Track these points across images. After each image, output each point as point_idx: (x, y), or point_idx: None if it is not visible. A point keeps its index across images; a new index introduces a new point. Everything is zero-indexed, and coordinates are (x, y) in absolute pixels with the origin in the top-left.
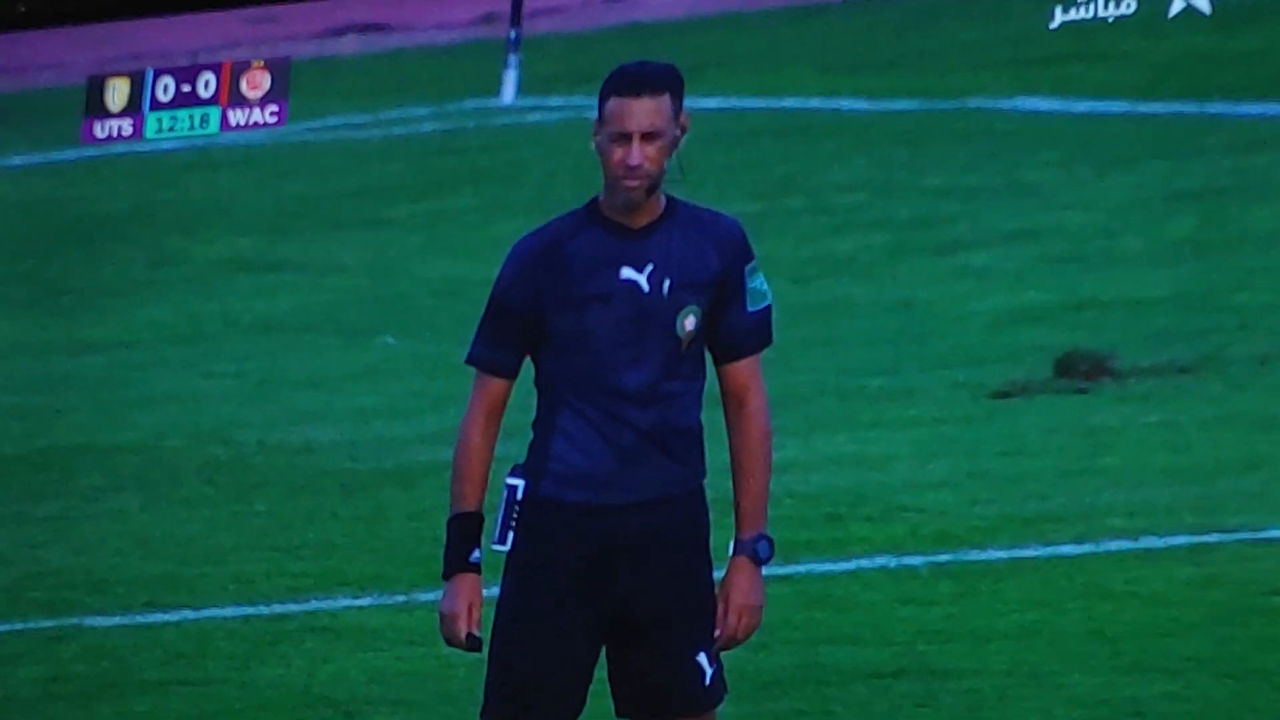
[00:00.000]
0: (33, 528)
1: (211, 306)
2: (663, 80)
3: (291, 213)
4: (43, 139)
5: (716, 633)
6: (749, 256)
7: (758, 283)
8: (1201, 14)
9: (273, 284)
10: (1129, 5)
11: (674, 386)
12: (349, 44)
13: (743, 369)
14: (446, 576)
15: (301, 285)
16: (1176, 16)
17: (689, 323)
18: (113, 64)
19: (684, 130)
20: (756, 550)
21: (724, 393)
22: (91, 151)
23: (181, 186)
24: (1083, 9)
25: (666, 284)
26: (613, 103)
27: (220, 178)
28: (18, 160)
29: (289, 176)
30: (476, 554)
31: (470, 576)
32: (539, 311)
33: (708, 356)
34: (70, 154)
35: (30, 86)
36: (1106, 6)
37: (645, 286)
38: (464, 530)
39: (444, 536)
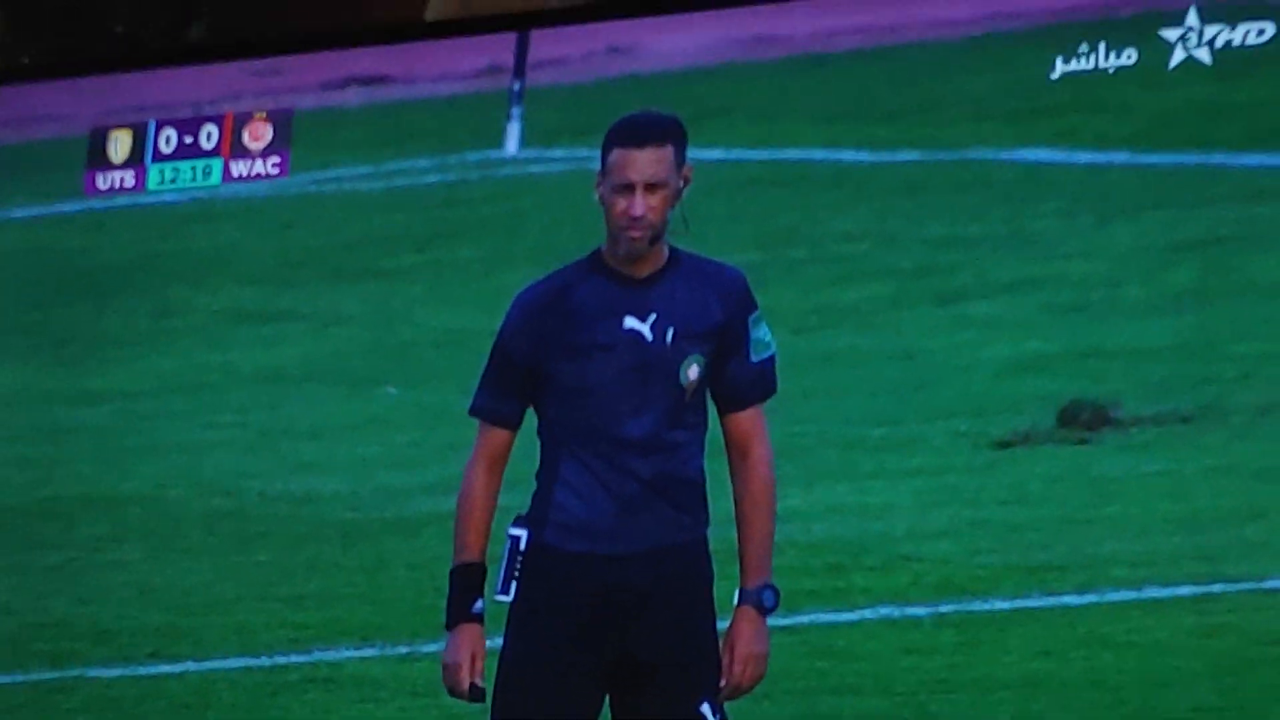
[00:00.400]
0: (35, 577)
1: (214, 357)
2: (665, 131)
3: (294, 263)
4: (45, 190)
5: (721, 682)
6: (752, 307)
7: (761, 333)
8: (1202, 65)
9: (275, 334)
10: (1130, 56)
11: (677, 436)
12: (351, 95)
13: (746, 419)
14: (449, 627)
15: (304, 335)
16: (1177, 67)
17: (692, 372)
18: (115, 115)
19: (687, 181)
20: (761, 599)
21: (728, 442)
22: (94, 203)
23: (184, 237)
24: (1084, 60)
25: (670, 333)
26: (616, 153)
27: (223, 228)
28: (20, 212)
29: (291, 227)
30: (479, 604)
31: (473, 627)
32: (541, 361)
33: (710, 406)
34: (73, 205)
35: (32, 138)
36: (1107, 57)
37: (648, 336)
38: (466, 581)
39: (446, 587)
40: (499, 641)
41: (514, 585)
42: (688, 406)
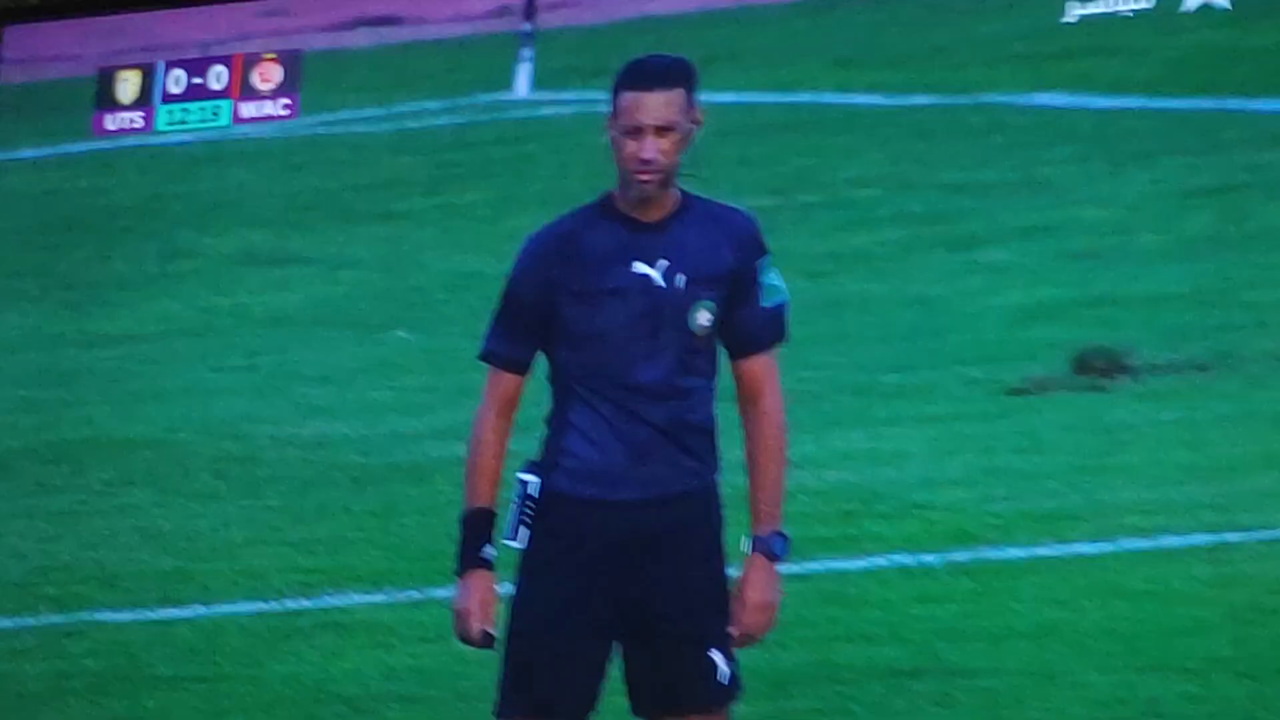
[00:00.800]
0: (43, 522)
1: (223, 300)
2: (676, 74)
3: (303, 206)
4: (53, 131)
5: (732, 630)
6: (763, 251)
7: (772, 278)
8: (1219, 9)
9: (284, 278)
10: None
11: (688, 382)
12: (361, 37)
13: (757, 364)
14: (459, 573)
15: (313, 279)
16: (1194, 11)
17: (703, 317)
18: (124, 56)
19: (697, 124)
20: (772, 547)
21: (738, 388)
22: (102, 144)
23: (192, 179)
24: (1099, 3)
25: (681, 278)
26: (625, 96)
27: (231, 171)
28: (28, 153)
29: (300, 170)
30: (489, 550)
31: (483, 573)
32: (551, 305)
33: (722, 353)
34: (81, 146)
35: (40, 78)
36: (1123, 0)
37: (659, 281)
38: (477, 526)
39: (457, 532)
40: (510, 587)
41: (524, 531)
42: (698, 352)
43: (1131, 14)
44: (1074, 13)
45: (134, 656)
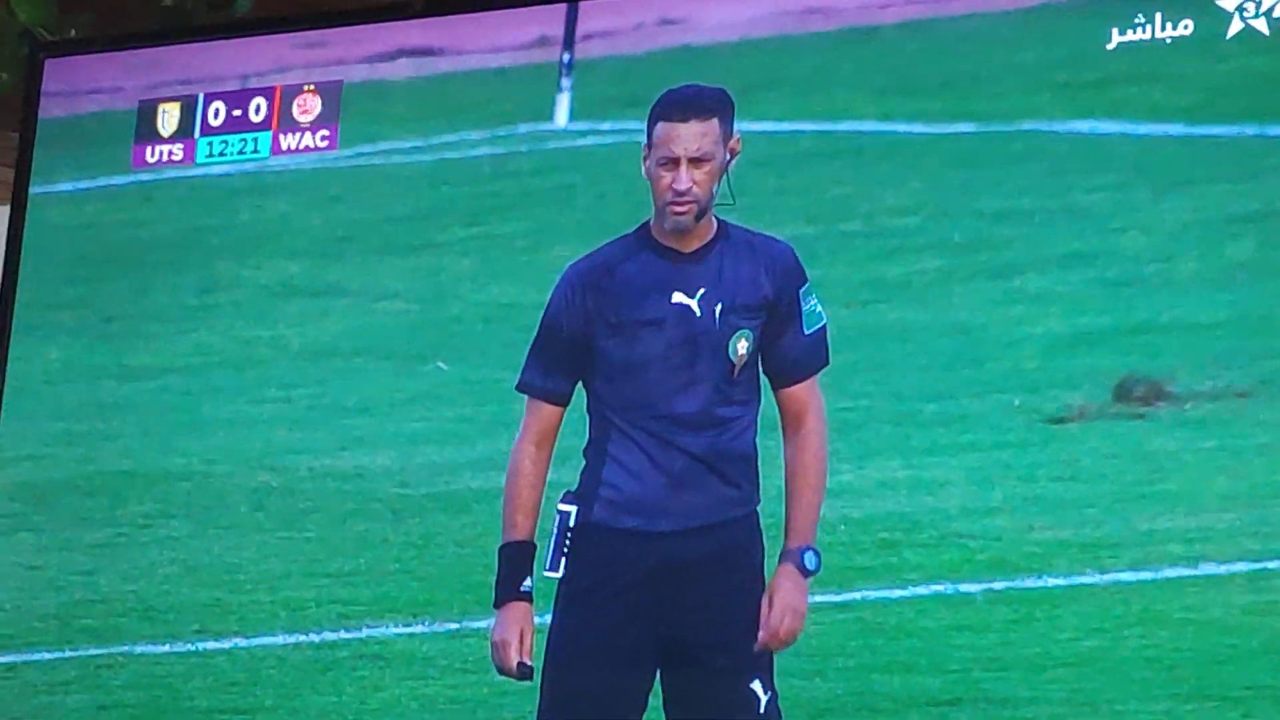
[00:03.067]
0: (82, 554)
1: (261, 332)
2: (711, 104)
3: (342, 237)
4: (93, 164)
5: (760, 633)
6: (803, 280)
7: (812, 305)
8: (1260, 35)
9: (323, 309)
10: (1187, 26)
11: (727, 411)
12: (400, 68)
13: (801, 391)
14: (498, 604)
15: (352, 310)
16: (1235, 37)
17: (741, 347)
18: (164, 89)
19: (734, 154)
20: (803, 559)
21: (783, 415)
22: (142, 176)
23: (232, 211)
24: (1140, 30)
25: (719, 308)
26: (661, 127)
27: (271, 202)
28: (67, 186)
29: (340, 201)
30: (528, 582)
31: (522, 604)
32: (589, 336)
33: (763, 380)
34: (121, 179)
35: (80, 111)
36: (1164, 28)
37: (697, 311)
38: (515, 558)
39: (495, 563)
40: (548, 619)
41: (563, 562)
42: (737, 382)
43: (1172, 41)
44: (1114, 40)
45: (173, 689)
